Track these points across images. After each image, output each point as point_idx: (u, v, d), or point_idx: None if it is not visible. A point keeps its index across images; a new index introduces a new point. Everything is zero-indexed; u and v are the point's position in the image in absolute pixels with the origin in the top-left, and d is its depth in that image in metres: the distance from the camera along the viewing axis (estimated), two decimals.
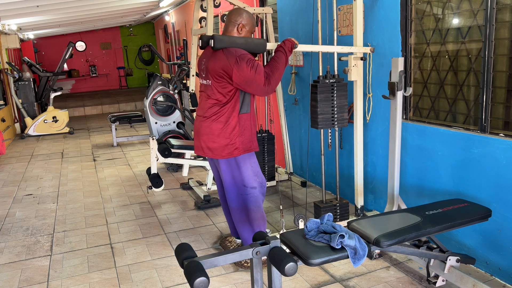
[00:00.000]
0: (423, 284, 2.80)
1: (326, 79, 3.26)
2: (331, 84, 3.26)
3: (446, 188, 3.07)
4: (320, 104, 3.25)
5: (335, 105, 3.29)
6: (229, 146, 2.87)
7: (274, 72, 2.76)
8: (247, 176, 2.97)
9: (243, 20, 2.87)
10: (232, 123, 2.85)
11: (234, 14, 2.89)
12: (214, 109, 2.86)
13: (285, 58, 2.83)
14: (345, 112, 3.34)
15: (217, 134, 2.86)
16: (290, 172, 5.04)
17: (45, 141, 8.41)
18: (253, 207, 3.01)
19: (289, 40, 2.90)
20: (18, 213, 4.50)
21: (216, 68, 2.76)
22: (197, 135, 3.00)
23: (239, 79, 2.70)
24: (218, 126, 2.86)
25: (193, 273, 1.81)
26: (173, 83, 6.28)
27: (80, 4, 6.80)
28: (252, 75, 2.68)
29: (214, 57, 2.80)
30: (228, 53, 2.72)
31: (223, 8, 6.15)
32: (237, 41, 2.77)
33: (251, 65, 2.68)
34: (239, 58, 2.68)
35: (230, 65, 2.69)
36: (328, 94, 3.26)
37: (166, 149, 4.56)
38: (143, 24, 16.27)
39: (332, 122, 3.32)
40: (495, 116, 2.76)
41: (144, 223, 4.07)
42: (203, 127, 2.92)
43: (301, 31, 4.64)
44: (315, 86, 3.25)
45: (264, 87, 2.72)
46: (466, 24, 2.88)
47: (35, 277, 3.16)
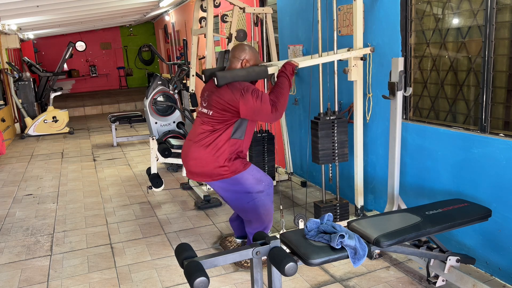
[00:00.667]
0: (423, 284, 2.80)
1: (327, 115, 3.33)
2: (331, 121, 3.33)
3: (446, 188, 3.07)
4: (321, 140, 3.32)
5: (336, 141, 3.36)
6: (217, 169, 2.87)
7: (279, 98, 2.82)
8: (250, 185, 2.95)
9: (246, 55, 2.92)
10: (220, 148, 2.85)
11: (238, 50, 2.94)
12: (205, 134, 2.88)
13: (288, 83, 2.90)
14: (345, 147, 3.41)
15: (204, 158, 2.87)
16: (290, 172, 5.04)
17: (45, 141, 8.41)
18: (262, 210, 3.00)
19: (289, 63, 2.95)
20: (18, 213, 4.50)
21: (222, 102, 2.79)
22: (185, 160, 3.01)
23: (246, 111, 2.76)
24: (206, 151, 2.86)
25: (193, 273, 1.81)
26: (173, 83, 6.28)
27: (80, 4, 6.80)
28: (259, 105, 2.74)
29: (219, 91, 2.83)
30: (232, 87, 2.78)
31: (223, 8, 6.15)
32: (239, 74, 2.82)
33: (256, 96, 2.74)
34: (243, 90, 2.74)
35: (236, 99, 2.74)
36: (329, 131, 3.33)
37: (166, 149, 4.56)
38: (143, 24, 16.27)
39: (332, 158, 3.39)
40: (495, 116, 2.76)
41: (144, 223, 4.07)
42: (191, 151, 2.93)
43: (301, 31, 4.64)
44: (316, 123, 3.31)
45: (272, 114, 2.79)
46: (466, 24, 2.88)
47: (35, 277, 3.16)
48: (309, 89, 3.89)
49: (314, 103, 4.26)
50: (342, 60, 3.29)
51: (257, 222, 3.03)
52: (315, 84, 3.64)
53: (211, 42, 4.93)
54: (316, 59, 3.20)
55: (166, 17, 12.59)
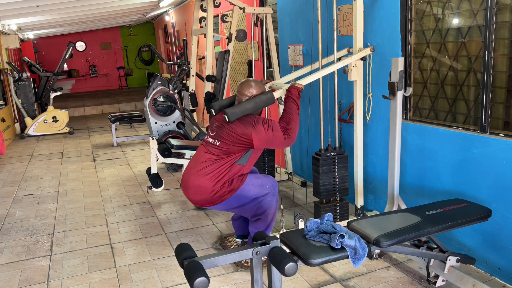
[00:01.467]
0: (423, 284, 2.80)
1: (328, 152, 3.37)
2: (332, 157, 3.37)
3: (446, 188, 3.07)
4: (322, 176, 3.36)
5: (337, 177, 3.42)
6: (216, 194, 2.89)
7: (289, 124, 2.88)
8: (254, 193, 2.97)
9: (254, 91, 2.96)
10: (220, 174, 2.87)
11: (245, 87, 2.97)
12: (207, 163, 2.91)
13: (296, 107, 2.94)
14: (346, 182, 3.46)
15: (203, 186, 2.88)
16: (290, 172, 5.04)
17: (45, 141, 8.41)
18: (268, 211, 3.03)
19: (294, 87, 2.98)
20: (18, 213, 4.50)
21: (234, 135, 2.84)
22: (185, 187, 3.02)
23: (260, 142, 2.82)
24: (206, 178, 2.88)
25: (193, 273, 1.81)
26: (173, 83, 6.28)
27: (80, 4, 6.80)
28: (271, 134, 2.81)
29: (230, 125, 2.87)
30: (243, 121, 2.84)
31: (223, 8, 6.15)
32: (248, 107, 2.87)
33: (267, 126, 2.82)
34: (255, 123, 2.82)
35: (248, 132, 2.80)
36: (330, 167, 3.38)
37: (166, 149, 4.56)
38: (143, 24, 16.27)
39: (333, 192, 3.44)
40: (495, 116, 2.76)
41: (144, 223, 4.08)
42: (192, 179, 2.94)
43: (301, 31, 4.64)
44: (317, 159, 3.35)
45: (285, 140, 2.86)
46: (466, 24, 2.88)
47: (35, 277, 3.16)
48: (309, 89, 3.89)
49: (314, 104, 4.27)
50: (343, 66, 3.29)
51: (261, 221, 3.06)
52: (315, 84, 3.63)
53: (211, 42, 4.93)
54: (318, 73, 3.20)
55: (166, 17, 12.59)
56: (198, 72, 6.57)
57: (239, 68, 6.95)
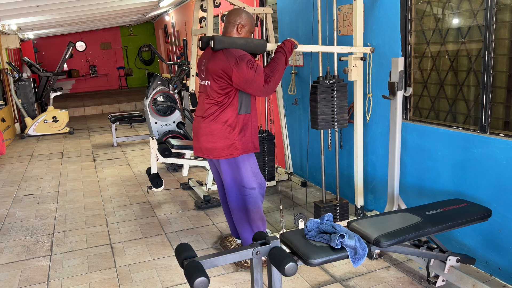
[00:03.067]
0: (423, 284, 2.80)
1: (326, 79, 3.26)
2: (331, 85, 3.25)
3: (446, 188, 3.07)
4: (320, 104, 3.25)
5: (335, 106, 3.29)
6: (229, 146, 2.87)
7: (274, 73, 2.77)
8: (246, 177, 2.97)
9: (242, 20, 2.88)
10: (231, 124, 2.85)
11: (233, 15, 2.89)
12: (212, 109, 2.86)
13: (285, 59, 2.84)
14: (345, 113, 3.34)
15: (216, 134, 2.86)
16: (290, 172, 5.04)
17: (45, 141, 8.41)
18: (252, 207, 3.01)
19: (289, 40, 2.91)
20: (18, 213, 4.50)
21: (216, 68, 2.76)
22: (196, 136, 3.00)
23: (238, 80, 2.71)
24: (217, 126, 2.86)
25: (193, 273, 1.81)
26: (173, 83, 6.28)
27: (80, 4, 6.80)
28: (252, 75, 2.69)
29: (214, 58, 2.80)
30: (228, 53, 2.73)
31: (223, 8, 6.15)
32: (237, 41, 2.78)
33: (250, 66, 2.69)
34: (239, 58, 2.69)
35: (230, 66, 2.70)
36: (328, 95, 3.27)
37: (166, 149, 4.56)
38: (143, 24, 16.27)
39: (332, 123, 3.32)
40: (495, 116, 2.76)
41: (144, 223, 4.07)
42: (202, 127, 2.92)
43: (301, 31, 4.64)
44: (315, 87, 3.25)
45: (264, 87, 2.74)
46: (466, 24, 2.88)
47: (35, 277, 3.16)
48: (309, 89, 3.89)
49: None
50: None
51: (246, 221, 3.04)
52: None
53: None
54: (317, 46, 3.18)
55: (166, 17, 12.59)
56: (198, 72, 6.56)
57: None
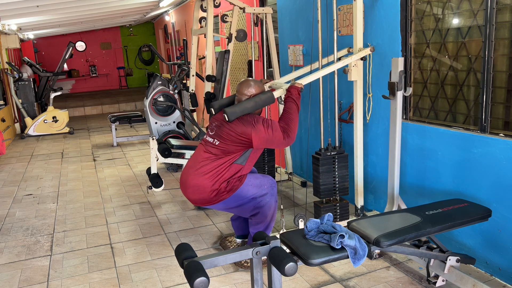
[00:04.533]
0: (423, 284, 2.80)
1: (328, 151, 3.36)
2: (332, 157, 3.37)
3: (446, 188, 3.07)
4: (322, 175, 3.36)
5: (337, 176, 3.41)
6: (215, 194, 2.89)
7: (289, 124, 2.88)
8: (252, 193, 2.97)
9: (253, 90, 2.96)
10: (219, 173, 2.86)
11: (244, 87, 2.97)
12: (206, 162, 2.90)
13: (296, 107, 2.94)
14: (346, 182, 3.45)
15: (202, 185, 2.88)
16: (290, 172, 5.04)
17: (45, 141, 8.41)
18: (267, 211, 3.03)
19: (293, 87, 2.99)
20: (18, 213, 4.50)
21: (234, 134, 2.83)
22: (183, 186, 3.02)
23: (259, 141, 2.82)
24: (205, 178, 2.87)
25: (193, 273, 1.81)
26: (173, 83, 6.28)
27: (80, 4, 6.79)
28: (270, 134, 2.81)
29: (230, 125, 2.86)
30: (243, 120, 2.84)
31: (223, 8, 6.15)
32: (248, 106, 2.87)
33: (267, 125, 2.81)
34: (254, 122, 2.81)
35: (248, 132, 2.79)
36: (330, 166, 3.38)
37: (166, 149, 4.56)
38: (143, 24, 16.27)
39: (333, 191, 3.43)
40: (495, 116, 2.76)
41: (144, 223, 4.08)
42: (190, 179, 2.94)
43: (301, 31, 4.64)
44: (317, 159, 3.34)
45: (285, 140, 2.86)
46: (466, 24, 2.88)
47: (35, 277, 3.16)
48: (309, 89, 3.89)
49: (314, 104, 4.27)
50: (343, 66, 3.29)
51: (262, 222, 3.06)
52: (315, 84, 3.64)
53: (211, 42, 4.93)
54: (317, 73, 3.20)
55: (166, 17, 12.58)
56: (198, 72, 6.57)
57: (239, 68, 6.95)
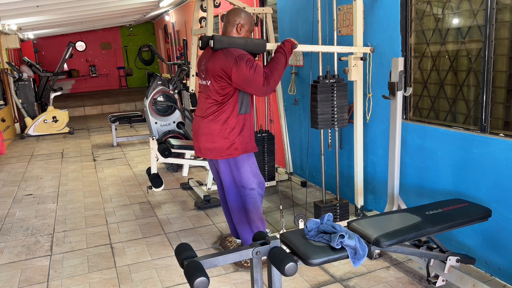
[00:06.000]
0: (423, 284, 2.80)
1: (326, 79, 3.26)
2: (331, 84, 3.25)
3: (446, 188, 3.07)
4: (320, 104, 3.25)
5: (335, 105, 3.29)
6: (228, 146, 2.87)
7: (273, 73, 2.77)
8: (246, 177, 2.97)
9: (241, 20, 2.88)
10: (231, 124, 2.85)
11: (233, 14, 2.89)
12: (212, 108, 2.86)
13: (284, 59, 2.84)
14: (345, 112, 3.34)
15: (215, 134, 2.86)
16: (290, 172, 5.04)
17: (45, 141, 8.41)
18: (252, 208, 3.02)
19: (288, 41, 2.91)
20: (18, 213, 4.50)
21: (216, 68, 2.76)
22: (196, 136, 2.99)
23: (238, 79, 2.71)
24: (217, 126, 2.85)
25: (193, 273, 1.81)
26: (173, 83, 6.28)
27: (80, 4, 6.80)
28: (251, 75, 2.68)
29: (214, 58, 2.80)
30: (227, 53, 2.73)
31: (223, 8, 6.15)
32: (237, 41, 2.78)
33: (250, 65, 2.69)
34: (238, 58, 2.69)
35: (229, 65, 2.70)
36: (328, 94, 3.26)
37: (166, 149, 4.56)
38: (143, 24, 16.27)
39: (332, 122, 3.32)
40: (495, 116, 2.76)
41: (144, 223, 4.07)
42: (202, 127, 2.92)
43: (301, 31, 4.64)
44: (315, 86, 3.25)
45: (263, 87, 2.73)
46: (466, 24, 2.88)
47: (35, 277, 3.16)
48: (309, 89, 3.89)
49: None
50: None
51: (246, 223, 3.04)
52: None
53: None
54: (317, 46, 3.18)
55: (166, 17, 12.59)
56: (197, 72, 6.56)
57: None
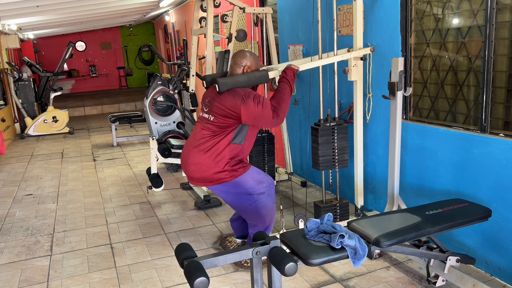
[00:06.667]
0: (423, 284, 2.80)
1: (327, 122, 3.33)
2: (331, 127, 3.32)
3: (446, 188, 3.07)
4: (321, 146, 3.32)
5: (336, 147, 3.36)
6: (217, 173, 2.87)
7: (280, 104, 2.83)
8: (250, 187, 2.95)
9: (248, 62, 2.93)
10: (220, 152, 2.85)
11: (239, 57, 2.94)
12: (206, 139, 2.89)
13: (289, 88, 2.90)
14: (345, 154, 3.40)
15: (204, 163, 2.87)
16: (290, 172, 5.04)
17: (45, 141, 8.41)
18: (264, 211, 3.01)
19: (289, 68, 2.95)
20: (18, 213, 4.50)
21: (223, 108, 2.80)
22: (185, 165, 3.00)
23: (247, 117, 2.77)
24: (206, 156, 2.86)
25: (193, 273, 1.81)
26: (173, 83, 6.28)
27: (80, 4, 6.79)
28: (260, 111, 2.75)
29: (220, 97, 2.84)
30: (234, 93, 2.79)
31: (223, 8, 6.15)
32: (240, 80, 2.83)
33: (257, 101, 2.76)
34: (245, 96, 2.76)
35: (237, 105, 2.75)
36: (329, 137, 3.33)
37: (166, 149, 4.56)
38: (143, 24, 16.27)
39: (333, 163, 3.39)
40: (495, 116, 2.76)
41: (144, 223, 4.08)
42: (191, 157, 2.93)
43: (301, 31, 4.64)
44: (316, 129, 3.31)
45: (273, 119, 2.80)
46: (466, 24, 2.88)
47: (35, 277, 3.16)
48: (309, 89, 3.89)
49: (314, 104, 4.27)
50: (342, 60, 3.29)
51: (259, 223, 3.04)
52: (315, 84, 3.64)
53: (211, 42, 4.93)
54: (316, 61, 3.20)
55: (166, 17, 12.58)
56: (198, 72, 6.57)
57: None
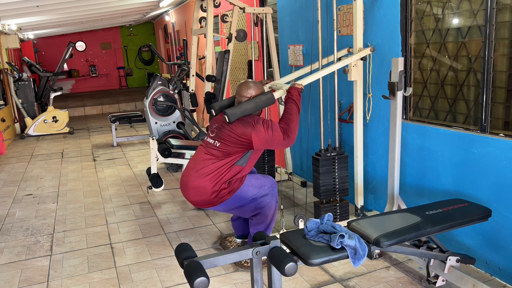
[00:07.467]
0: (423, 284, 2.80)
1: (328, 152, 3.36)
2: (332, 158, 3.37)
3: (446, 188, 3.07)
4: (322, 176, 3.36)
5: (337, 177, 3.42)
6: (216, 195, 2.88)
7: (289, 125, 2.88)
8: (252, 194, 2.97)
9: (253, 91, 2.96)
10: (220, 175, 2.86)
11: (244, 89, 2.97)
12: (206, 163, 2.90)
13: (296, 108, 2.94)
14: (346, 183, 3.45)
15: (203, 187, 2.88)
16: (290, 172, 5.04)
17: (45, 141, 8.41)
18: (268, 212, 3.03)
19: (294, 88, 2.98)
20: (18, 213, 4.50)
21: (234, 136, 2.83)
22: (184, 189, 3.02)
23: (259, 142, 2.82)
24: (205, 179, 2.87)
25: (193, 273, 1.81)
26: (173, 83, 6.28)
27: (80, 4, 6.80)
28: (270, 135, 2.81)
29: (230, 126, 2.86)
30: (243, 121, 2.84)
31: (223, 8, 6.15)
32: (248, 107, 2.87)
33: (266, 126, 2.81)
34: (254, 123, 2.82)
35: (248, 132, 2.80)
36: (330, 167, 3.38)
37: (166, 149, 4.56)
38: (143, 24, 16.27)
39: (334, 192, 3.44)
40: (495, 116, 2.76)
41: (144, 223, 4.08)
42: (190, 181, 2.94)
43: (301, 31, 4.64)
44: (317, 159, 3.34)
45: (284, 141, 2.86)
46: (466, 24, 2.88)
47: (35, 277, 3.16)
48: (309, 89, 3.89)
49: (314, 104, 4.27)
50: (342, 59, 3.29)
51: (262, 222, 3.06)
52: (315, 84, 3.64)
53: (211, 42, 4.93)
54: (318, 73, 3.20)
55: (166, 17, 12.58)
56: (198, 72, 6.57)
57: (239, 68, 6.95)
